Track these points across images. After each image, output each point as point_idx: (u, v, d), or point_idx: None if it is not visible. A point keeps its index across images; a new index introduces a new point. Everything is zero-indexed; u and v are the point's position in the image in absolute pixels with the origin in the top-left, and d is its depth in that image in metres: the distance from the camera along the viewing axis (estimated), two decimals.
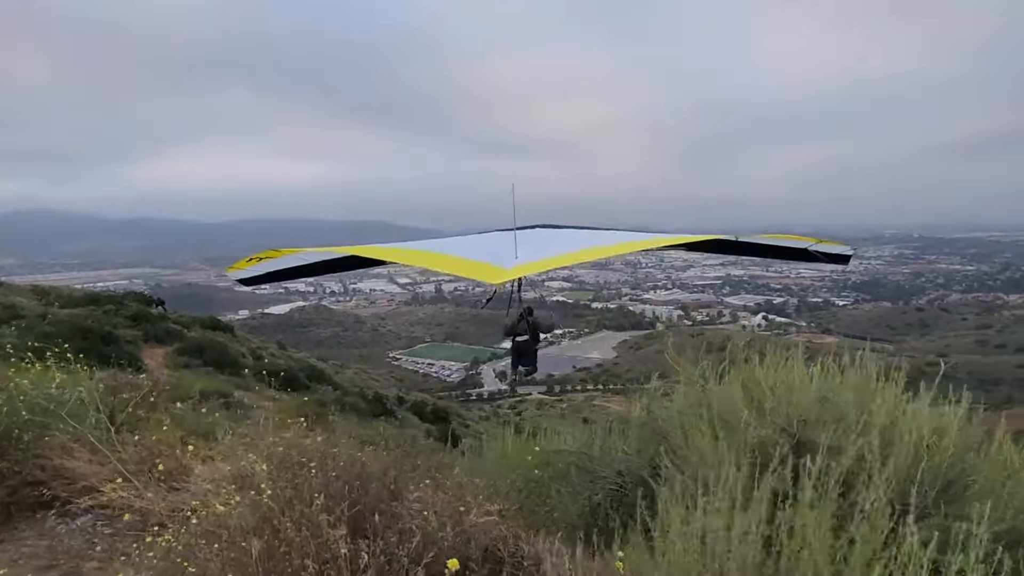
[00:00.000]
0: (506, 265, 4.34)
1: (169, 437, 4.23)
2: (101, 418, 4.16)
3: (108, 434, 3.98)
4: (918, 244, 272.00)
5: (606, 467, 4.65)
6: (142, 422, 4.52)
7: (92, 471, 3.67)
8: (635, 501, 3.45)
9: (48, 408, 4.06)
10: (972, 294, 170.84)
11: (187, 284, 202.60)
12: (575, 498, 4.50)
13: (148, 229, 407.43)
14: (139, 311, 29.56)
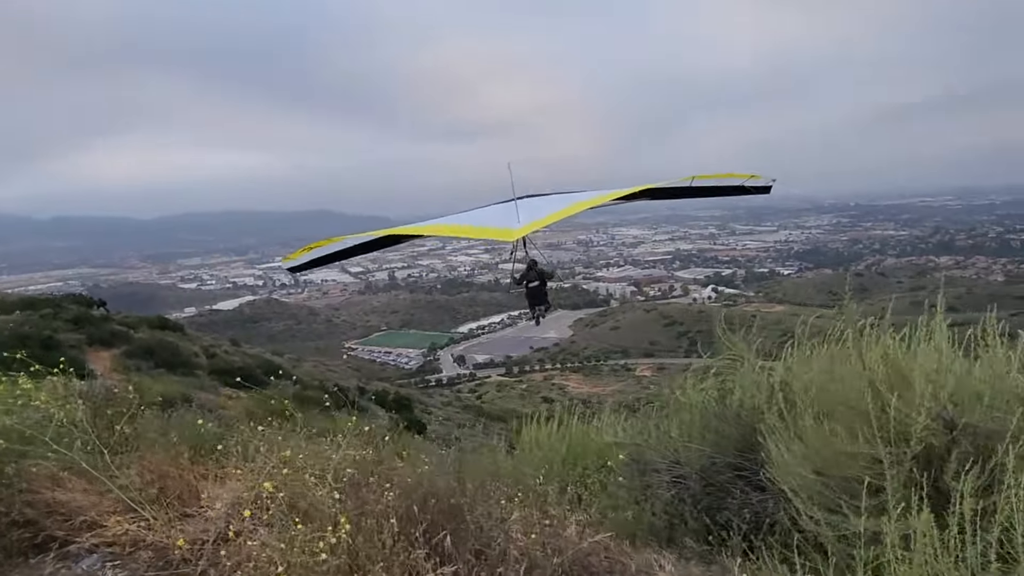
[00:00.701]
0: (513, 226, 5.20)
1: (171, 455, 3.80)
2: (91, 439, 3.71)
3: (101, 458, 3.53)
4: (855, 212, 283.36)
5: (671, 460, 4.02)
6: (132, 440, 4.03)
7: (90, 503, 3.22)
8: (724, 502, 3.19)
9: (23, 433, 3.59)
10: (906, 258, 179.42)
11: (127, 283, 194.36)
12: (644, 497, 3.92)
13: (81, 227, 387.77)
14: (80, 314, 28.22)
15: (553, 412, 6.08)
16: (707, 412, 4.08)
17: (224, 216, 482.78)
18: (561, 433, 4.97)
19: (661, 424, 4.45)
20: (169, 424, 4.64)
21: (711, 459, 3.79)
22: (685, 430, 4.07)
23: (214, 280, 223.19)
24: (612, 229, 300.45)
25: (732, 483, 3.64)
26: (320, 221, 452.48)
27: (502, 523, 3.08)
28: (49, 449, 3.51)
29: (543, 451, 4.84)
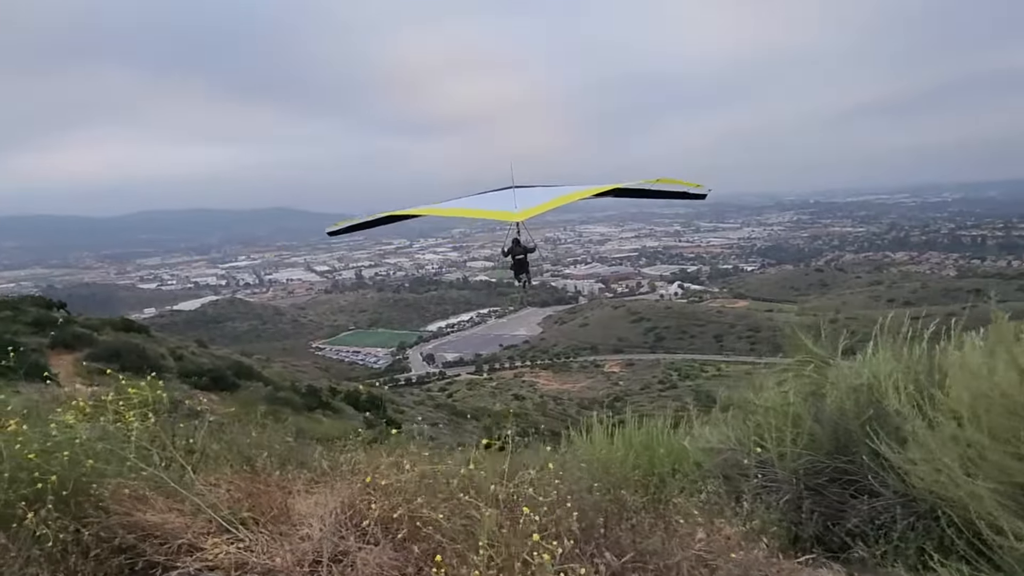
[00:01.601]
0: (512, 210, 6.27)
1: (255, 470, 3.57)
2: (171, 455, 3.54)
3: (184, 475, 3.32)
4: (814, 209, 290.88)
5: (764, 465, 3.76)
6: (210, 454, 3.82)
7: (184, 524, 2.99)
8: (839, 508, 3.05)
9: (99, 449, 3.34)
10: (863, 254, 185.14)
11: (84, 284, 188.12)
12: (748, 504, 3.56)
13: (34, 227, 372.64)
14: (41, 316, 27.28)
15: (614, 416, 6.15)
16: (799, 415, 3.85)
17: (185, 214, 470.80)
18: (627, 439, 4.72)
19: (743, 428, 4.22)
20: (243, 437, 4.41)
21: (811, 463, 3.63)
22: (774, 434, 3.80)
23: (175, 280, 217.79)
24: (579, 227, 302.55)
25: (834, 488, 3.52)
26: (283, 219, 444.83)
27: (684, 539, 2.94)
28: (131, 465, 3.35)
29: (606, 456, 4.54)
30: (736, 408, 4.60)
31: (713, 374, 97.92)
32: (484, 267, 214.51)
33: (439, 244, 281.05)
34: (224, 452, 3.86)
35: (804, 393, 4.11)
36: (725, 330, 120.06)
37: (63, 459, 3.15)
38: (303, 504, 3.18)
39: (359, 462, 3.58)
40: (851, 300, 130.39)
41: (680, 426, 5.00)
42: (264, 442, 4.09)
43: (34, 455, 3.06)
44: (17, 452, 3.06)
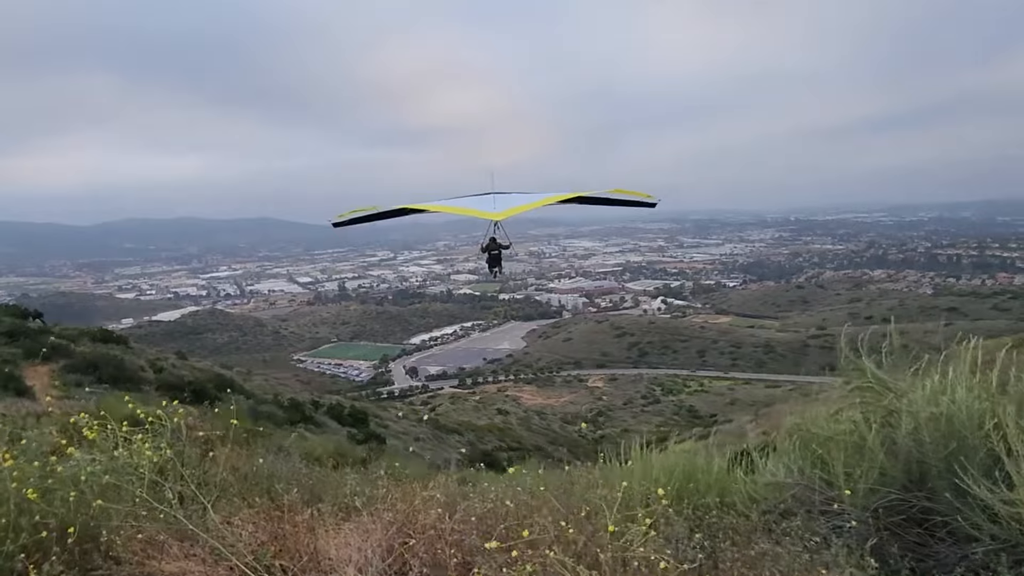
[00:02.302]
0: (491, 211, 7.08)
1: (278, 506, 3.19)
2: (186, 490, 3.12)
3: (204, 513, 2.95)
4: (795, 227, 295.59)
5: (829, 500, 3.46)
6: (226, 485, 3.41)
7: (203, 573, 2.68)
8: (923, 550, 2.74)
9: (104, 483, 3.00)
10: (843, 271, 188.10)
11: (60, 293, 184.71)
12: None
13: (9, 234, 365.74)
14: (15, 325, 26.52)
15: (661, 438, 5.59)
16: (869, 446, 3.51)
17: (166, 223, 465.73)
18: (670, 468, 4.21)
19: (803, 459, 3.91)
20: (260, 466, 4.02)
21: (884, 499, 3.30)
22: (841, 467, 3.46)
23: (154, 290, 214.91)
24: (564, 241, 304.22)
25: (913, 528, 3.22)
26: (265, 229, 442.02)
27: None
28: (142, 503, 2.96)
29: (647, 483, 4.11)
30: (791, 436, 4.17)
31: (696, 389, 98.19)
32: (468, 280, 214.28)
33: (423, 256, 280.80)
34: (240, 483, 3.53)
35: (871, 422, 3.74)
36: (708, 345, 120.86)
37: (68, 499, 2.80)
38: (334, 546, 2.89)
39: (389, 495, 3.28)
40: (831, 317, 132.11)
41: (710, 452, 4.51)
42: (287, 473, 3.81)
43: (34, 494, 2.72)
44: (14, 491, 2.71)
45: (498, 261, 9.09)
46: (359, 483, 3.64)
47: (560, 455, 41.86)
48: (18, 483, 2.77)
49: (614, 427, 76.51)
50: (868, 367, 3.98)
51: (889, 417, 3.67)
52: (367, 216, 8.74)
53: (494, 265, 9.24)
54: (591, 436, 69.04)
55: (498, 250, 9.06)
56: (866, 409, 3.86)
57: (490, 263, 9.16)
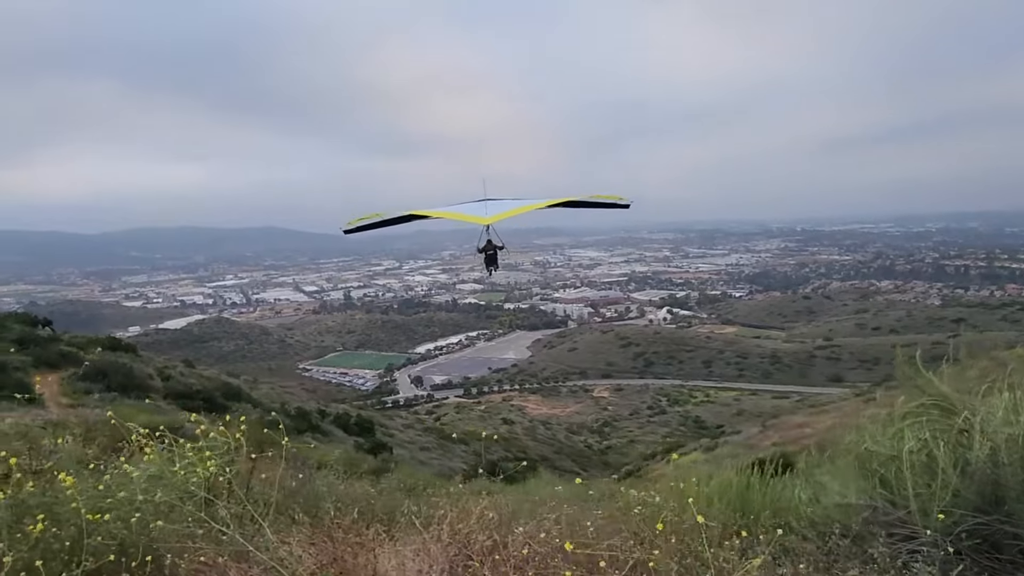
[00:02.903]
0: (483, 215, 7.69)
1: (337, 524, 3.10)
2: (239, 508, 3.01)
3: (258, 532, 2.83)
4: (801, 237, 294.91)
5: (900, 523, 3.27)
6: (268, 503, 3.23)
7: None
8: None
9: (158, 501, 2.91)
10: (850, 282, 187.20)
11: (68, 301, 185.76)
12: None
13: (17, 243, 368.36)
14: (25, 333, 26.71)
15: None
16: (939, 466, 3.31)
17: (173, 232, 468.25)
18: (724, 487, 3.99)
19: (865, 479, 3.71)
20: (305, 483, 3.89)
21: (964, 523, 3.12)
22: (911, 488, 3.26)
23: (161, 298, 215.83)
24: (569, 251, 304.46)
25: (988, 552, 3.05)
26: (271, 237, 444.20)
27: None
28: (197, 522, 2.85)
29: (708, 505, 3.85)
30: (846, 455, 3.94)
31: (702, 400, 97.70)
32: (473, 290, 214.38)
33: (429, 266, 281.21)
34: (286, 501, 3.42)
35: (940, 441, 3.56)
36: (714, 356, 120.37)
37: (130, 520, 2.69)
38: (393, 568, 2.80)
39: (448, 514, 3.16)
40: (838, 327, 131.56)
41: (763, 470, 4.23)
42: (340, 492, 3.70)
43: (96, 516, 2.58)
44: (74, 512, 2.55)
45: (494, 260, 9.87)
46: (415, 501, 3.51)
47: (568, 466, 41.68)
48: (77, 503, 2.63)
49: (620, 437, 76.17)
50: (935, 383, 3.83)
51: (959, 436, 3.45)
52: (372, 224, 9.39)
53: (490, 264, 10.07)
54: (597, 446, 68.82)
55: (493, 250, 9.81)
56: (933, 427, 3.66)
57: (486, 262, 9.99)
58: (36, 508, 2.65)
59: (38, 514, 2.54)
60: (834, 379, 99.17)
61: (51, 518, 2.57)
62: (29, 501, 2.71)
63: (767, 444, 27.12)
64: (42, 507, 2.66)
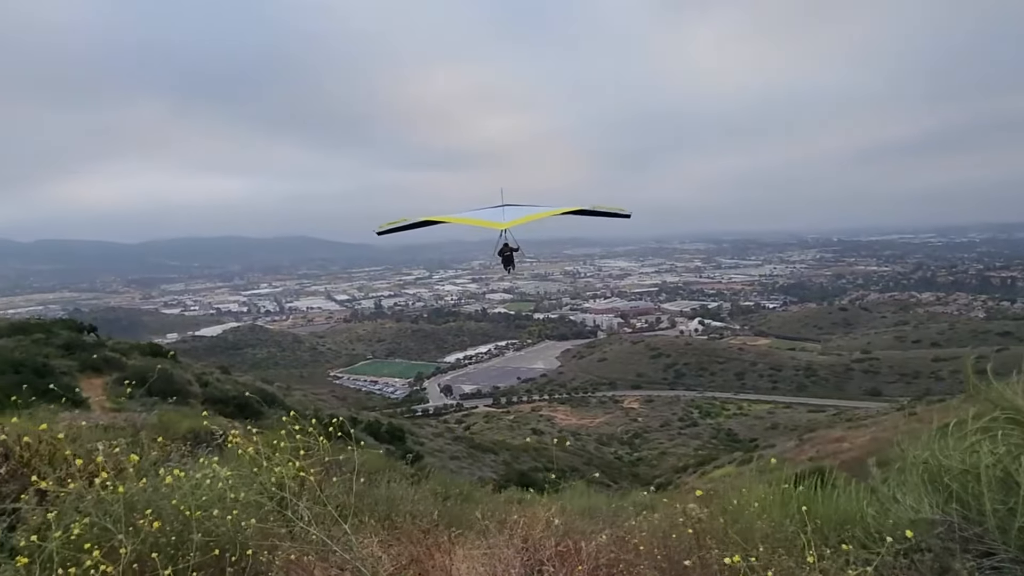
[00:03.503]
0: (501, 220, 8.17)
1: (415, 528, 3.18)
2: (319, 510, 3.04)
3: (342, 533, 2.87)
4: (837, 248, 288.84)
5: (993, 541, 3.12)
6: (361, 507, 3.37)
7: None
8: None
9: (243, 500, 2.98)
10: (888, 293, 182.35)
11: (110, 308, 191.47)
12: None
13: (63, 252, 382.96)
14: (71, 339, 27.51)
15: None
16: (1017, 481, 3.15)
17: (210, 242, 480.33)
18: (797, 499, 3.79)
19: (935, 493, 3.57)
20: (375, 487, 3.98)
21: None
22: (975, 503, 3.18)
23: (198, 306, 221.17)
24: (599, 261, 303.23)
25: None
26: (304, 247, 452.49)
27: None
28: (281, 521, 2.95)
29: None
30: (915, 468, 3.74)
31: (734, 412, 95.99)
32: (503, 299, 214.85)
33: (458, 275, 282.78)
34: (362, 505, 3.50)
35: (1022, 455, 3.38)
36: (747, 368, 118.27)
37: (227, 519, 2.77)
38: (470, 571, 2.82)
39: (516, 519, 3.18)
40: (876, 340, 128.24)
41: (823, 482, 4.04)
42: (413, 496, 3.74)
43: (193, 513, 2.63)
44: (174, 508, 2.66)
45: (511, 261, 10.43)
46: (488, 506, 3.52)
47: (598, 477, 41.26)
48: (177, 501, 2.73)
49: (651, 449, 75.23)
50: (1008, 397, 3.67)
51: None
52: (401, 226, 9.85)
53: (507, 264, 10.63)
54: (628, 458, 68.06)
55: (510, 252, 10.33)
56: (1008, 442, 3.50)
57: (504, 263, 10.54)
58: (142, 504, 2.73)
59: (145, 509, 2.63)
60: (872, 393, 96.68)
61: (156, 513, 2.65)
62: (136, 497, 2.79)
63: (803, 458, 26.52)
64: (149, 503, 2.75)
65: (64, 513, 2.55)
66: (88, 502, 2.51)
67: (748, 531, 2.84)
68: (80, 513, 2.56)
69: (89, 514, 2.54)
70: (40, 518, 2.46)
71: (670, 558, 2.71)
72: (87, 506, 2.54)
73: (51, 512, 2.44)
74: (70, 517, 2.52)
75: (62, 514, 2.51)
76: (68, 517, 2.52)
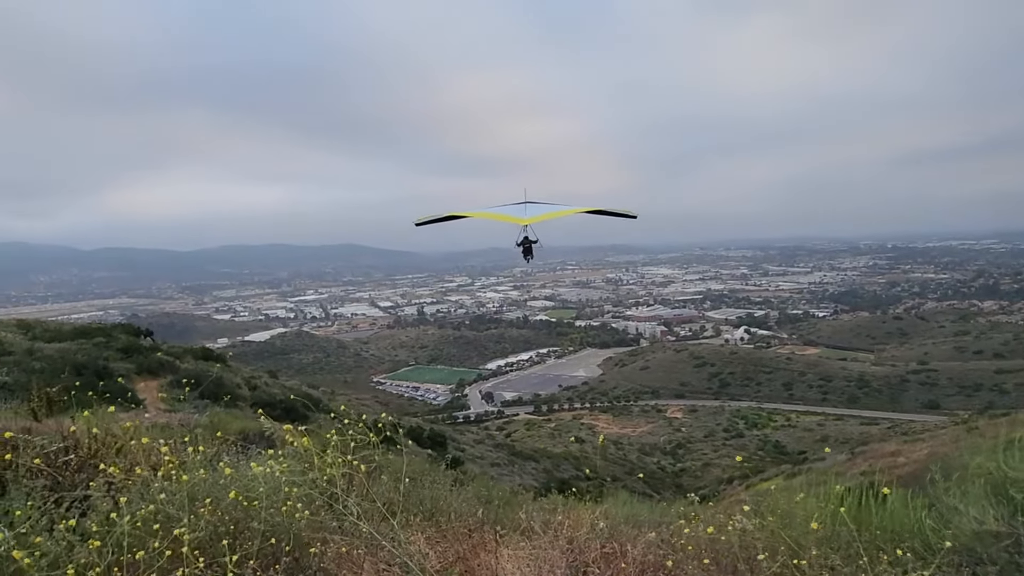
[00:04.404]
0: (523, 216, 8.79)
1: (462, 526, 3.26)
2: (367, 506, 3.15)
3: (384, 525, 2.96)
4: (892, 254, 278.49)
5: None
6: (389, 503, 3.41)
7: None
8: None
9: (295, 495, 3.06)
10: (947, 302, 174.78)
11: (165, 313, 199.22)
12: None
13: (121, 259, 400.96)
14: (129, 343, 28.75)
15: None
16: None
17: (260, 249, 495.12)
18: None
19: (998, 505, 3.39)
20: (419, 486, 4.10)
21: None
22: None
23: (247, 312, 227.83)
24: (641, 268, 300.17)
25: None
26: (349, 254, 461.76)
27: None
28: (331, 516, 3.06)
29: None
30: (974, 479, 3.65)
31: (782, 424, 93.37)
32: (544, 306, 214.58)
33: (500, 282, 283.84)
34: (415, 505, 3.60)
35: None
36: (795, 378, 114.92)
37: (282, 510, 2.87)
38: (514, 569, 2.84)
39: (561, 520, 3.21)
40: (934, 351, 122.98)
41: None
42: (460, 498, 3.83)
43: (251, 503, 2.76)
44: (234, 498, 2.76)
45: (530, 251, 10.91)
46: (533, 507, 3.56)
47: (640, 487, 40.75)
48: (236, 492, 2.83)
49: (694, 460, 73.83)
50: None
51: None
52: (435, 219, 10.49)
53: (527, 254, 11.07)
54: (671, 468, 66.95)
55: (529, 244, 10.85)
56: None
57: (524, 253, 11.03)
58: (203, 493, 2.88)
59: (206, 499, 2.78)
60: (929, 406, 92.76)
61: (215, 503, 2.79)
62: (198, 487, 2.93)
63: (855, 472, 25.63)
64: (209, 492, 2.89)
65: (132, 500, 2.69)
66: (154, 490, 2.69)
67: (801, 536, 2.78)
68: (145, 501, 2.71)
69: (155, 501, 2.69)
70: (109, 505, 2.65)
71: (718, 561, 2.69)
72: (153, 494, 2.70)
73: (123, 498, 2.54)
74: (137, 505, 2.67)
75: (131, 501, 2.65)
76: (135, 505, 2.67)
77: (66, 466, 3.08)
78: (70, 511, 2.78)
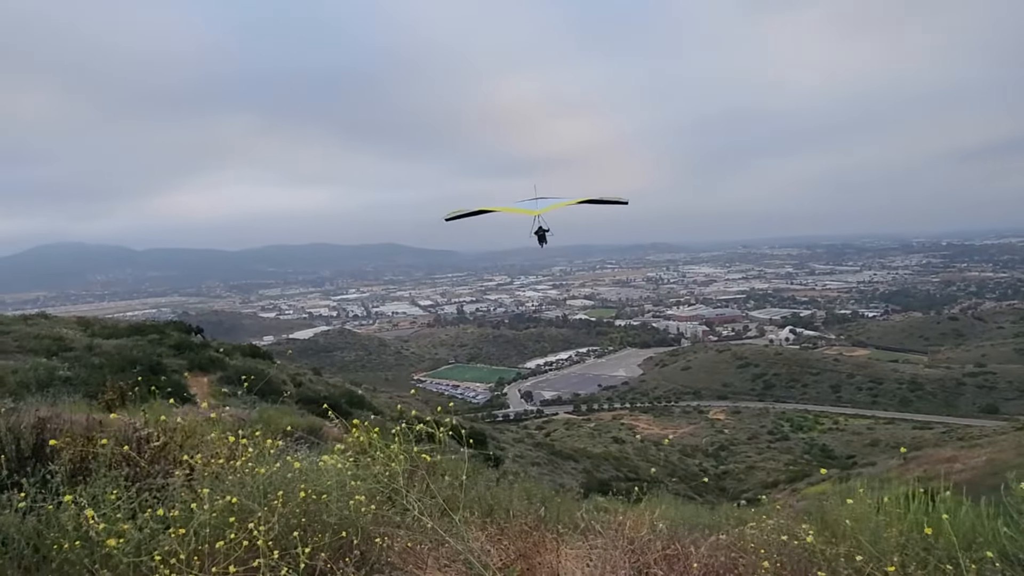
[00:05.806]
0: (534, 208, 9.64)
1: (522, 525, 3.25)
2: (434, 501, 3.20)
3: (444, 521, 3.01)
4: (947, 252, 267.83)
5: None
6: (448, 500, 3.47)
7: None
8: None
9: (360, 490, 3.13)
10: (1007, 302, 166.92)
11: (213, 311, 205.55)
12: None
13: (173, 259, 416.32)
14: (181, 340, 29.77)
15: None
16: None
17: (303, 249, 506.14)
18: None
19: None
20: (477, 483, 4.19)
21: None
22: None
23: (292, 310, 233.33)
24: (683, 267, 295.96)
25: None
26: (390, 254, 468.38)
27: None
28: (395, 511, 3.14)
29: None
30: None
31: (829, 427, 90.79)
32: (584, 305, 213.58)
33: (539, 281, 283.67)
34: (474, 502, 3.69)
35: None
36: (843, 380, 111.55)
37: (349, 504, 2.93)
38: (576, 568, 2.85)
39: (622, 520, 3.23)
40: (992, 353, 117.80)
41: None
42: (514, 496, 3.88)
43: (320, 497, 2.83)
44: (305, 493, 2.83)
45: (543, 238, 11.54)
46: (593, 506, 3.58)
47: (681, 489, 40.23)
48: (305, 487, 2.91)
49: (738, 463, 72.45)
50: None
51: None
52: (463, 214, 11.16)
53: (541, 241, 11.65)
54: (713, 471, 65.83)
55: (543, 232, 11.53)
56: None
57: (539, 240, 11.69)
58: (274, 486, 2.96)
59: (277, 491, 2.86)
60: (988, 410, 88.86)
61: (286, 495, 2.86)
62: (270, 480, 3.02)
63: (909, 478, 24.79)
64: (280, 485, 2.97)
65: (213, 491, 2.78)
66: (230, 482, 2.80)
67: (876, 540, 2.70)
68: (222, 492, 2.80)
69: (232, 492, 2.78)
70: (188, 495, 2.77)
71: (788, 566, 2.63)
72: (229, 485, 2.80)
73: (204, 489, 2.66)
74: (215, 495, 2.76)
75: (211, 492, 2.75)
76: (215, 495, 2.76)
77: (142, 456, 3.23)
78: (147, 500, 2.92)
